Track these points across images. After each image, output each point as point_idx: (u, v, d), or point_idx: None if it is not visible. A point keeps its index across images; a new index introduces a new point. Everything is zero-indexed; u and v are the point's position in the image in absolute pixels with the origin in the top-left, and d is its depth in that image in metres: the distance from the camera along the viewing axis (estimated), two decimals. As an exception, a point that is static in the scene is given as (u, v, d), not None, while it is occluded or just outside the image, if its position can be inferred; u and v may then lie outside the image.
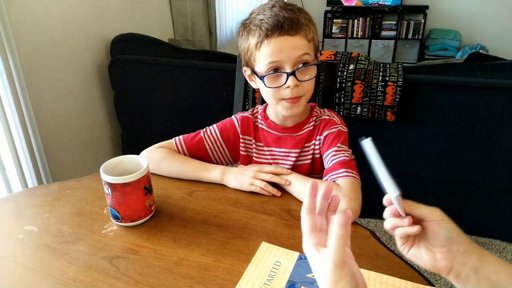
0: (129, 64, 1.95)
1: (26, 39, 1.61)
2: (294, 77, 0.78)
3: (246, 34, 0.82)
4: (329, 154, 0.83)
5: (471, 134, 1.58)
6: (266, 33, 0.77)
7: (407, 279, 0.57)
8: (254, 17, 0.82)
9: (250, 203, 0.78)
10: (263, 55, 0.79)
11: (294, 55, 0.78)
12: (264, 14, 0.79)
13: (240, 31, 0.85)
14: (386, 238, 1.83)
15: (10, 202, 0.81)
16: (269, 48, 0.78)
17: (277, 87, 0.80)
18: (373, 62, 1.77)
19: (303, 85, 0.80)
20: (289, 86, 0.78)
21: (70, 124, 1.91)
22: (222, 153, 0.93)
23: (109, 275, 0.59)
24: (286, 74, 0.78)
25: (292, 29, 0.77)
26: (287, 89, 0.79)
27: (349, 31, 4.73)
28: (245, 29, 0.83)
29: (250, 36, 0.81)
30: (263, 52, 0.79)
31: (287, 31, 0.77)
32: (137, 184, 0.68)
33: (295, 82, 0.78)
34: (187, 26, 2.75)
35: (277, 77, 0.80)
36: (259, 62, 0.81)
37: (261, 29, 0.78)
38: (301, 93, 0.81)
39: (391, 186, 0.48)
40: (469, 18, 4.37)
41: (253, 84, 0.89)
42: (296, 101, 0.81)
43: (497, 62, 1.61)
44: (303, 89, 0.81)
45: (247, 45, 0.82)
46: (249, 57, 0.83)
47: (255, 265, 0.60)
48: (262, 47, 0.79)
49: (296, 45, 0.78)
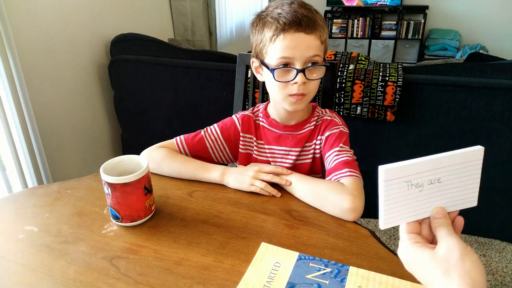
0: (129, 64, 1.95)
1: (26, 39, 1.61)
2: (303, 74, 0.79)
3: (262, 25, 0.83)
4: (332, 154, 0.84)
5: (471, 134, 1.59)
6: (283, 27, 0.78)
7: (407, 279, 0.57)
8: (271, 10, 0.82)
9: (250, 203, 0.78)
10: (277, 49, 0.80)
11: (306, 54, 0.79)
12: (282, 9, 0.80)
13: (254, 22, 0.86)
14: (386, 238, 1.83)
15: (10, 202, 0.81)
16: (284, 43, 0.79)
17: (285, 82, 0.81)
18: (373, 62, 1.77)
19: (310, 83, 0.81)
20: (297, 82, 0.79)
21: (70, 124, 1.92)
22: (223, 152, 0.93)
23: (109, 275, 0.59)
24: (296, 71, 0.79)
25: (308, 27, 0.79)
26: (294, 85, 0.80)
27: (349, 31, 4.73)
28: (261, 21, 0.83)
29: (266, 28, 0.81)
30: (277, 45, 0.80)
31: (304, 29, 0.78)
32: (137, 184, 0.68)
33: (303, 79, 0.79)
34: (187, 26, 2.75)
35: (287, 72, 0.81)
36: (271, 55, 0.81)
37: (279, 23, 0.79)
38: (306, 91, 0.82)
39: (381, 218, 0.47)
40: (469, 18, 4.37)
41: (259, 76, 0.90)
42: (301, 98, 0.82)
43: (497, 62, 1.61)
44: (309, 87, 0.82)
45: (261, 36, 0.83)
46: (261, 48, 0.84)
47: (254, 266, 0.60)
48: (277, 41, 0.79)
49: (310, 44, 0.79)
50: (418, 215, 0.47)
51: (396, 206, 0.46)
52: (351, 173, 0.77)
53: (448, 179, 0.46)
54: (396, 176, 0.44)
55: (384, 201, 0.45)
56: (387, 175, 0.44)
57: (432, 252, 0.43)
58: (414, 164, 0.44)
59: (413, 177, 0.45)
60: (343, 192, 0.73)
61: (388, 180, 0.44)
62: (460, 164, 0.46)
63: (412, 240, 0.46)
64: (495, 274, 1.62)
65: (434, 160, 0.45)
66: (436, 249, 0.43)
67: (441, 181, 0.46)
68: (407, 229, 0.47)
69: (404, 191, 0.45)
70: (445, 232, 0.44)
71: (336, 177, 0.78)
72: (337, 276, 0.57)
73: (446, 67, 1.62)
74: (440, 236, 0.44)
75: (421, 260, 0.44)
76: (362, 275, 0.58)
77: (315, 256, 0.62)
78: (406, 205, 0.46)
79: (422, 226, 0.48)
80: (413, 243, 0.45)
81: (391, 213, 0.46)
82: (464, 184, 0.47)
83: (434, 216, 0.47)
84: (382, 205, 0.46)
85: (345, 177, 0.77)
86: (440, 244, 0.43)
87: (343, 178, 0.77)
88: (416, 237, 0.46)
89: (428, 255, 0.43)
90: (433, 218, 0.47)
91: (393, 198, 0.45)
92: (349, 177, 0.77)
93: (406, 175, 0.44)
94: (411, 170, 0.44)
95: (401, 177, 0.44)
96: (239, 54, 1.18)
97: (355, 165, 0.81)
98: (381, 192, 0.45)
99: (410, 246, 0.46)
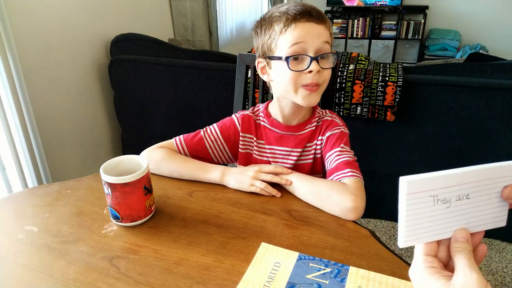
0: (129, 64, 1.95)
1: (26, 39, 1.61)
2: (317, 62, 0.79)
3: (269, 23, 0.82)
4: (333, 154, 0.84)
5: (471, 134, 1.58)
6: (294, 17, 0.78)
7: (407, 279, 0.57)
8: (274, 11, 0.83)
9: (250, 203, 0.78)
10: (288, 38, 0.79)
11: (318, 42, 0.79)
12: (287, 7, 0.81)
13: (258, 24, 0.86)
14: (386, 238, 1.83)
15: (10, 202, 0.81)
16: (295, 31, 0.79)
17: (299, 71, 0.80)
18: (373, 62, 1.77)
19: (323, 72, 0.81)
20: (312, 70, 0.79)
21: (70, 124, 1.92)
22: (222, 152, 0.93)
23: (109, 275, 0.59)
24: (310, 58, 0.78)
25: (318, 18, 0.79)
26: (309, 75, 0.79)
27: (349, 31, 4.74)
28: (266, 20, 0.83)
29: (274, 24, 0.81)
30: (288, 35, 0.79)
31: (315, 19, 0.79)
32: (137, 184, 0.68)
33: (317, 67, 0.79)
34: (187, 26, 2.75)
35: (300, 62, 0.80)
36: (282, 46, 0.80)
37: (289, 14, 0.79)
38: (321, 80, 0.81)
39: (400, 236, 0.42)
40: (469, 18, 4.37)
41: (265, 77, 0.89)
42: (315, 89, 0.81)
43: (497, 62, 1.61)
44: (323, 76, 0.81)
45: (270, 32, 0.82)
46: (269, 45, 0.83)
47: (254, 266, 0.60)
48: (288, 31, 0.79)
49: (321, 33, 0.80)
50: (441, 234, 0.42)
51: (419, 223, 0.41)
52: (353, 173, 0.78)
53: (477, 195, 0.41)
54: (420, 189, 0.39)
55: (405, 216, 0.40)
56: (410, 188, 0.39)
57: (447, 284, 0.39)
58: (440, 176, 0.39)
59: (440, 191, 0.40)
60: (345, 192, 0.73)
61: (411, 193, 0.39)
62: (492, 179, 0.41)
63: (427, 264, 0.42)
64: (495, 274, 1.62)
65: (463, 173, 0.40)
66: (453, 281, 0.39)
67: (470, 197, 0.41)
68: (424, 250, 0.43)
69: (429, 207, 0.40)
70: (465, 263, 0.40)
71: (338, 177, 0.79)
72: (337, 276, 0.57)
73: (446, 67, 1.62)
74: (459, 266, 0.40)
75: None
76: (362, 275, 0.58)
77: (315, 256, 0.62)
78: (430, 222, 0.41)
79: (440, 246, 0.44)
80: (428, 267, 0.42)
81: (412, 230, 0.41)
82: (494, 201, 0.42)
83: (456, 238, 0.42)
84: (404, 220, 0.40)
85: (347, 177, 0.77)
86: (457, 277, 0.39)
87: (345, 178, 0.77)
88: (433, 261, 0.42)
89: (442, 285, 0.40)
90: (455, 240, 0.42)
91: (415, 214, 0.40)
92: (351, 177, 0.77)
93: (432, 188, 0.40)
94: (437, 183, 0.40)
95: (427, 190, 0.40)
96: (239, 54, 1.18)
97: (356, 165, 0.81)
98: (402, 206, 0.40)
99: (424, 270, 0.42)
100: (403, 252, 1.73)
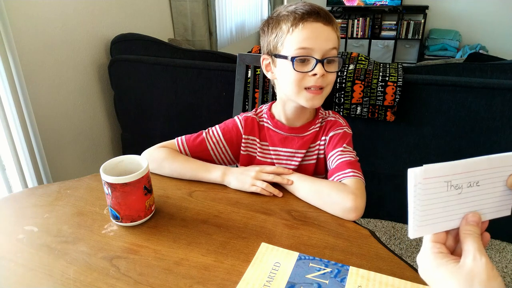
0: (129, 64, 1.95)
1: (26, 39, 1.61)
2: (322, 65, 0.78)
3: (276, 22, 0.82)
4: (335, 154, 0.84)
5: (471, 134, 1.58)
6: (302, 16, 0.78)
7: (407, 279, 0.57)
8: (282, 10, 0.82)
9: (250, 203, 0.78)
10: (296, 39, 0.78)
11: (325, 46, 0.78)
12: (295, 7, 0.80)
13: (266, 23, 0.85)
14: (386, 238, 1.83)
15: (10, 202, 0.81)
16: (303, 32, 0.78)
17: (304, 72, 0.79)
18: (373, 62, 1.77)
19: (328, 75, 0.80)
20: (316, 73, 0.78)
21: (70, 124, 1.92)
22: (224, 154, 0.93)
23: (109, 275, 0.59)
24: (316, 61, 0.77)
25: (326, 19, 0.79)
26: (313, 77, 0.79)
27: (349, 31, 4.74)
28: (274, 19, 0.83)
29: (282, 23, 0.80)
30: (295, 35, 0.78)
31: (323, 19, 0.78)
32: (137, 184, 0.68)
33: (322, 70, 0.78)
34: (187, 26, 2.75)
35: (306, 62, 0.79)
36: (288, 46, 0.80)
37: (296, 13, 0.78)
38: (324, 84, 0.80)
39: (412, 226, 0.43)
40: (469, 18, 4.37)
41: (269, 75, 0.88)
42: (319, 93, 0.81)
43: (497, 62, 1.61)
44: (327, 80, 0.80)
45: (277, 31, 0.82)
46: (275, 43, 0.82)
47: (254, 266, 0.60)
48: (296, 31, 0.78)
49: (329, 36, 0.79)
50: (451, 222, 0.43)
51: (431, 211, 0.42)
52: (354, 174, 0.78)
53: (486, 183, 0.43)
54: (436, 174, 0.41)
55: (419, 205, 0.41)
56: (426, 173, 0.40)
57: (456, 266, 0.41)
58: (453, 164, 0.41)
59: (453, 177, 0.41)
60: (345, 191, 0.73)
61: (427, 178, 0.41)
62: (500, 168, 0.43)
63: (435, 250, 0.43)
64: (495, 274, 1.62)
65: (475, 161, 0.42)
66: (461, 263, 0.40)
67: (480, 184, 0.43)
68: (432, 237, 0.44)
69: (443, 192, 0.42)
70: (475, 247, 0.41)
71: (339, 177, 0.79)
72: (337, 276, 0.57)
73: (446, 67, 1.62)
74: (469, 249, 0.41)
75: (442, 273, 0.41)
76: (362, 275, 0.58)
77: (315, 256, 0.62)
78: (442, 208, 0.42)
79: (448, 236, 0.45)
80: (436, 253, 0.43)
81: (424, 219, 0.42)
82: (501, 190, 0.44)
83: (468, 221, 0.43)
84: (417, 210, 0.41)
85: (348, 177, 0.77)
86: (466, 259, 0.40)
87: (346, 179, 0.77)
88: (441, 247, 0.44)
89: (451, 268, 0.41)
90: (466, 223, 0.43)
91: (428, 200, 0.41)
92: (352, 177, 0.77)
93: (446, 174, 0.41)
94: (451, 169, 0.41)
95: (441, 175, 0.41)
96: (239, 54, 1.18)
97: (357, 166, 0.81)
98: (416, 195, 0.41)
99: (432, 256, 0.43)
100: (403, 252, 1.73)
